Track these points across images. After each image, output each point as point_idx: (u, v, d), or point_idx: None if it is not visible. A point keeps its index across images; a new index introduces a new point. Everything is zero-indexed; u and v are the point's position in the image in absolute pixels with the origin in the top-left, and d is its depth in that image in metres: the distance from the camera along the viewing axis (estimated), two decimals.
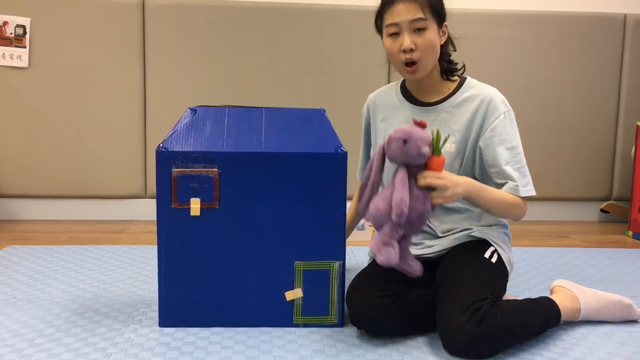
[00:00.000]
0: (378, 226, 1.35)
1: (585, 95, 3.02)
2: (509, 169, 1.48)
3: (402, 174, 1.33)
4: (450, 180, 1.34)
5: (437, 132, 1.32)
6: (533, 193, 1.50)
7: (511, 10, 2.98)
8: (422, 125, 1.35)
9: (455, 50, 1.60)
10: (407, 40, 1.46)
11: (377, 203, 1.34)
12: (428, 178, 1.31)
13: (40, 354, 1.32)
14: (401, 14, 1.46)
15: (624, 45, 3.00)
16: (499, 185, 1.49)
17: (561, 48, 2.98)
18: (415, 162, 1.33)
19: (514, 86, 2.98)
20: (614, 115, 3.05)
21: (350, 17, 2.88)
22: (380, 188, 1.41)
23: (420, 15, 1.46)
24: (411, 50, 1.47)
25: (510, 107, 1.54)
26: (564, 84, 3.01)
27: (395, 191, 1.31)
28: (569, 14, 2.98)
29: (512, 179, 1.48)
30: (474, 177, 1.53)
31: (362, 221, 2.20)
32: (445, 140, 1.34)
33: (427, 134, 1.33)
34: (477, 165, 1.54)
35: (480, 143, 1.51)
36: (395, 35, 1.49)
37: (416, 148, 1.31)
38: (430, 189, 1.33)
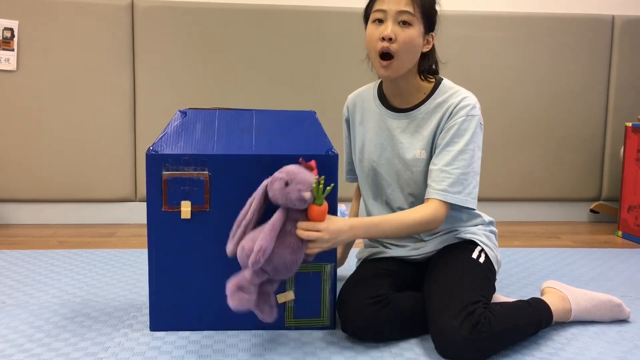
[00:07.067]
0: (242, 266, 1.31)
1: (574, 96, 3.04)
2: (440, 171, 1.44)
3: (277, 217, 1.29)
4: (330, 230, 1.32)
5: (322, 180, 1.30)
6: (458, 202, 1.44)
7: (501, 12, 2.99)
8: (309, 167, 1.31)
9: (437, 73, 1.56)
10: (389, 28, 1.43)
11: (245, 242, 1.30)
12: (305, 232, 1.30)
13: (29, 359, 1.31)
14: (391, 2, 1.44)
15: (612, 46, 3.03)
16: (428, 186, 1.47)
17: (550, 49, 3.00)
18: (295, 206, 1.29)
19: (504, 87, 3.00)
20: (602, 115, 3.07)
21: (341, 20, 2.88)
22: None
23: (409, 8, 1.43)
24: (390, 39, 1.43)
25: (477, 114, 1.48)
26: (553, 84, 3.02)
27: (260, 237, 1.27)
28: (558, 16, 3.00)
29: (436, 182, 1.44)
30: None
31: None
32: (329, 190, 1.31)
33: (312, 178, 1.29)
34: None
35: (437, 141, 1.49)
36: (379, 22, 1.47)
37: (296, 192, 1.27)
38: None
